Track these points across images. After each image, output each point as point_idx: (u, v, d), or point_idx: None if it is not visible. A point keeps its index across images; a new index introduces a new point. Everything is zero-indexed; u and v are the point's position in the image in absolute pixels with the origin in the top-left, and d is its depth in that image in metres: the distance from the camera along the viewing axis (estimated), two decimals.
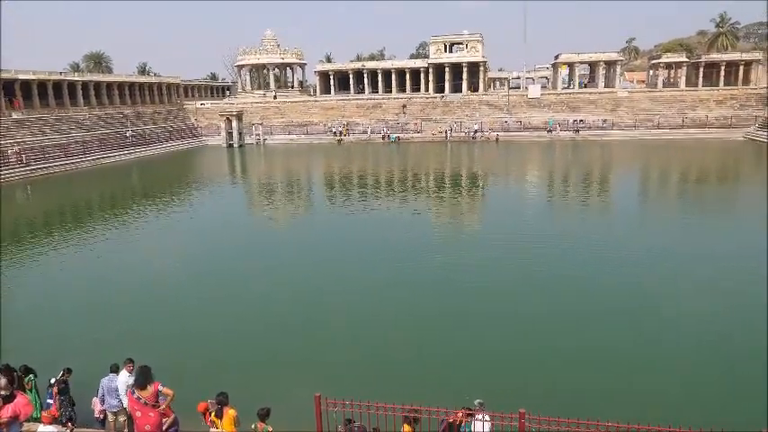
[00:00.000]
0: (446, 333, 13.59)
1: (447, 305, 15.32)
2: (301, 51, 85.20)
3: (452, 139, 63.77)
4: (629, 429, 6.25)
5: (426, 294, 16.18)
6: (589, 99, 70.00)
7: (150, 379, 7.68)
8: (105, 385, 8.95)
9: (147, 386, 7.62)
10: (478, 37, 74.05)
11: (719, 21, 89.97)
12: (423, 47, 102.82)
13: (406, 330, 13.77)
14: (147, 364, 7.93)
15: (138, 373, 7.76)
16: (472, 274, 17.84)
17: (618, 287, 16.37)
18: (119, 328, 13.94)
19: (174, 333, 13.86)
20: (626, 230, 23.48)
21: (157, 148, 60.88)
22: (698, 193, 33.86)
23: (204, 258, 20.69)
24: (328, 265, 19.09)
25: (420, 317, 14.59)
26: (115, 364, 9.15)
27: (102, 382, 9.01)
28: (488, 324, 13.98)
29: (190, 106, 76.55)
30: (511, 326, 13.86)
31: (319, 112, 73.46)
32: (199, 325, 14.34)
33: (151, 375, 7.71)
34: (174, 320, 14.71)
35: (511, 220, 25.56)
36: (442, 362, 12.09)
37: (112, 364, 9.15)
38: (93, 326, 14.34)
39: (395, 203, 31.31)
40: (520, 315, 14.45)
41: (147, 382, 7.63)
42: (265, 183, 41.06)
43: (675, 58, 74.81)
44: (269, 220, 28.63)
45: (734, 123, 61.77)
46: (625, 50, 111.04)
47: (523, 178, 40.72)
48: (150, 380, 7.68)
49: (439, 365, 11.92)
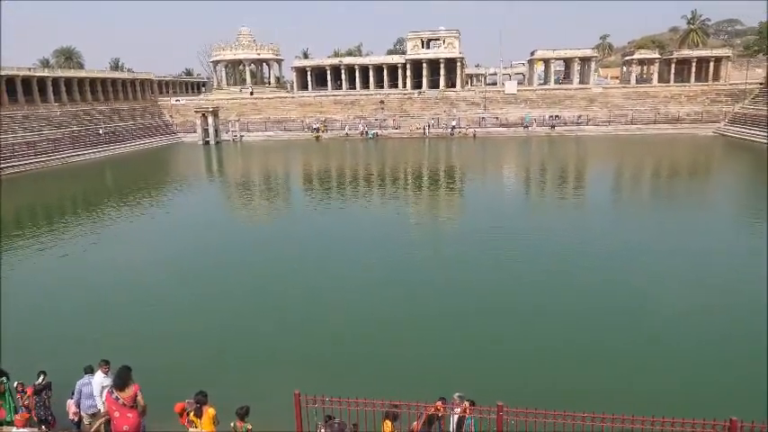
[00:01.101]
0: (426, 328, 13.68)
1: (427, 301, 15.42)
2: (278, 47, 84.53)
3: (431, 136, 63.98)
4: (604, 419, 6.38)
5: (406, 290, 16.23)
6: (564, 95, 70.87)
7: (130, 380, 7.60)
8: (80, 387, 8.82)
9: (127, 387, 7.53)
10: (455, 33, 74.32)
11: (691, 18, 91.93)
12: (400, 43, 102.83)
13: (385, 326, 13.81)
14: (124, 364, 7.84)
15: (118, 373, 7.67)
16: (451, 270, 17.98)
17: (595, 281, 16.64)
18: (92, 329, 13.72)
19: (149, 333, 13.66)
20: (603, 225, 23.89)
21: (131, 146, 59.86)
22: (671, 188, 34.56)
23: (179, 258, 20.42)
24: (306, 263, 19.02)
25: (399, 312, 14.63)
26: (89, 366, 9.01)
27: (76, 385, 8.87)
28: (468, 319, 14.07)
29: (164, 103, 75.38)
30: (490, 321, 14.00)
31: (297, 109, 73.00)
32: (175, 324, 14.19)
33: (130, 377, 7.64)
34: (149, 320, 14.50)
35: (490, 216, 25.79)
36: (421, 357, 12.15)
37: (86, 366, 9.02)
38: (66, 327, 14.09)
39: (374, 200, 31.33)
40: (499, 310, 14.60)
41: (127, 383, 7.55)
42: (243, 180, 40.68)
43: (648, 54, 76.13)
44: (246, 219, 28.40)
45: (704, 119, 63.16)
46: (599, 47, 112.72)
47: (502, 174, 41.09)
48: (130, 381, 7.60)
49: (419, 361, 11.98)
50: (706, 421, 6.17)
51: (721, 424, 6.16)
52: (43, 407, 9.09)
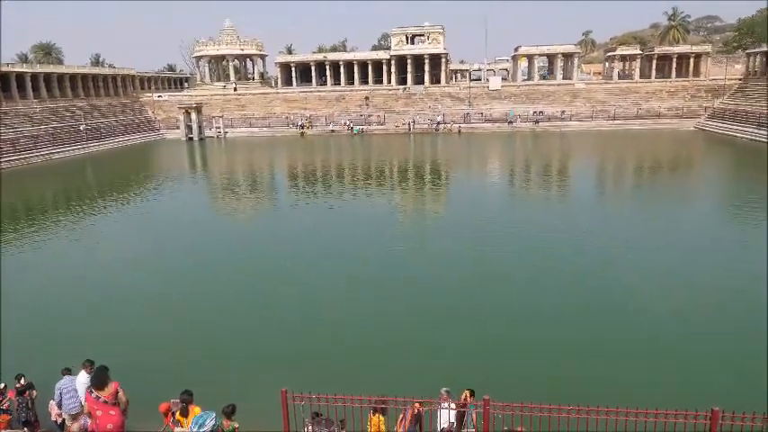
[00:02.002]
0: (412, 324, 13.71)
1: (413, 296, 15.45)
2: (261, 43, 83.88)
3: (416, 131, 64.01)
4: (589, 411, 6.45)
5: (392, 286, 16.27)
6: (548, 91, 71.33)
7: (107, 378, 7.55)
8: (62, 388, 8.69)
9: (106, 386, 7.47)
10: (440, 29, 74.38)
11: (671, 15, 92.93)
12: (384, 38, 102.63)
13: (371, 322, 13.83)
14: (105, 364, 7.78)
15: (95, 373, 7.60)
16: (437, 266, 18.03)
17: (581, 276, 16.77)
18: (73, 329, 13.58)
19: (133, 332, 13.49)
20: (589, 220, 24.09)
21: (113, 143, 59.08)
22: (655, 182, 34.96)
23: (162, 255, 20.24)
24: (292, 260, 18.94)
25: (386, 308, 14.65)
26: (67, 368, 8.90)
27: (57, 386, 8.75)
28: (454, 314, 14.13)
29: (147, 99, 74.47)
30: (476, 316, 14.06)
31: (281, 105, 72.58)
32: (159, 323, 14.03)
33: (108, 375, 7.59)
34: (132, 319, 14.31)
35: (475, 212, 25.89)
36: (408, 353, 12.18)
37: (63, 369, 8.90)
38: (48, 326, 13.89)
39: (360, 197, 31.29)
40: (485, 305, 14.68)
41: (105, 382, 7.48)
42: (228, 177, 40.36)
43: (630, 50, 76.89)
44: (231, 216, 28.19)
45: (685, 114, 63.99)
46: (582, 43, 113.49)
47: (488, 170, 41.25)
48: (108, 379, 7.54)
49: (406, 356, 12.01)
50: (689, 412, 6.27)
51: (703, 414, 6.26)
52: (26, 408, 8.97)
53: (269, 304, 15.12)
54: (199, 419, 4.82)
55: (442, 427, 7.65)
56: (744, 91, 63.31)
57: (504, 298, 15.13)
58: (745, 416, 6.12)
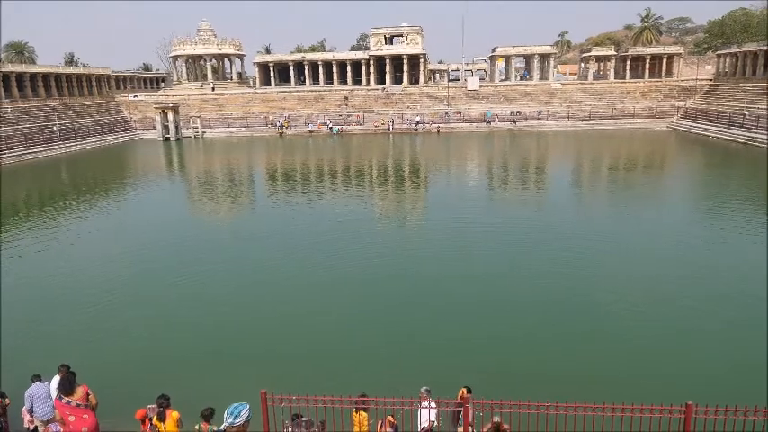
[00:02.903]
0: (393, 323, 13.74)
1: (393, 295, 15.48)
2: (239, 42, 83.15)
3: (395, 131, 64.10)
4: (567, 407, 6.53)
5: (371, 285, 16.27)
6: (525, 91, 72.04)
7: (76, 383, 7.45)
8: (32, 395, 8.50)
9: (75, 391, 7.36)
10: (418, 29, 74.59)
11: (645, 16, 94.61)
12: (363, 39, 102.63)
13: (351, 322, 13.82)
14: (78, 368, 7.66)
15: (62, 380, 7.49)
16: (417, 264, 18.08)
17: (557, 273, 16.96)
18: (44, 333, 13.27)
19: (106, 335, 13.26)
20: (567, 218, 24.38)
21: (88, 143, 57.99)
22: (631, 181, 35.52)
23: (137, 256, 19.88)
24: (270, 260, 18.83)
25: (365, 308, 14.65)
26: (36, 375, 8.71)
27: (27, 393, 8.56)
28: (433, 313, 14.20)
29: (122, 98, 73.29)
30: (455, 315, 14.13)
31: (260, 105, 72.05)
32: (133, 325, 13.79)
33: (75, 380, 7.50)
34: (105, 322, 14.04)
35: (455, 212, 25.97)
36: (388, 352, 12.20)
37: (33, 375, 8.72)
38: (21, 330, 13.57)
39: (340, 197, 31.21)
40: (463, 303, 14.76)
41: (74, 387, 7.38)
42: (205, 178, 39.91)
43: (604, 51, 78.05)
44: (208, 216, 27.89)
45: (659, 114, 65.22)
46: (558, 44, 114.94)
47: (468, 169, 41.47)
48: (76, 384, 7.45)
49: (386, 356, 12.02)
50: (664, 407, 6.39)
51: (678, 408, 6.38)
52: None
53: (246, 305, 14.99)
54: (234, 410, 4.79)
55: (423, 426, 7.68)
56: (714, 91, 64.78)
57: (483, 296, 15.21)
58: (718, 409, 6.25)
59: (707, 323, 13.22)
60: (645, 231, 21.67)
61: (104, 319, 14.29)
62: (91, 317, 14.36)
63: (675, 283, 15.88)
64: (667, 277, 16.34)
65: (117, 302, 15.37)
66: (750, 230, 21.16)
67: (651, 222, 23.34)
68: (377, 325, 13.65)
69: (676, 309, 14.08)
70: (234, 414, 4.85)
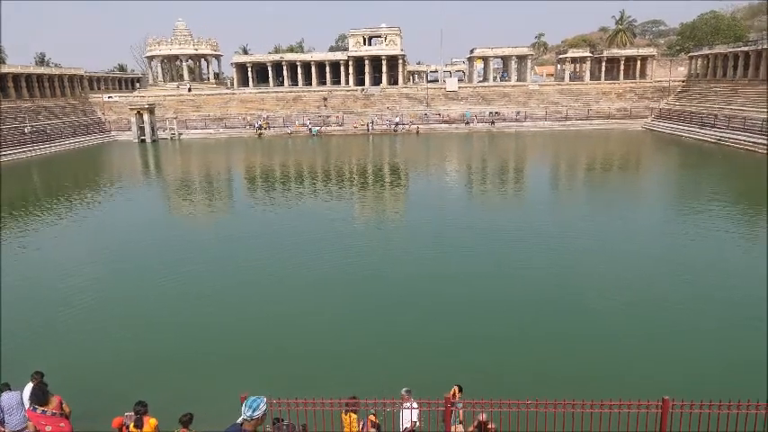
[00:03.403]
0: (374, 324, 13.72)
1: (375, 297, 15.47)
2: (216, 42, 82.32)
3: (374, 132, 64.12)
4: (547, 405, 6.60)
5: (353, 287, 16.23)
6: (503, 92, 72.67)
7: (49, 393, 7.30)
8: (3, 405, 8.26)
9: (48, 401, 7.21)
10: (397, 31, 74.74)
11: (619, 18, 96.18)
12: (342, 39, 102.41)
13: (332, 324, 13.75)
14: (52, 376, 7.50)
15: (35, 391, 7.31)
16: (398, 265, 18.09)
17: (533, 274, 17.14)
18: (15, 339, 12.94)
19: (80, 341, 12.98)
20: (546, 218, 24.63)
21: (61, 145, 56.80)
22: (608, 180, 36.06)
23: (111, 260, 19.53)
24: (249, 263, 18.66)
25: (347, 309, 14.60)
26: (5, 384, 8.49)
27: None
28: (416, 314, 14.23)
29: (96, 99, 71.96)
30: (436, 315, 14.17)
31: (238, 106, 71.42)
32: (108, 331, 13.51)
33: (47, 390, 7.34)
34: (79, 327, 13.75)
35: (435, 212, 26.08)
36: (370, 354, 12.18)
37: (2, 384, 8.49)
38: None
39: (320, 198, 31.09)
40: (444, 304, 14.79)
41: (47, 398, 7.23)
42: (181, 180, 39.39)
43: (580, 53, 79.15)
44: (185, 218, 27.54)
45: (633, 114, 66.37)
46: (535, 45, 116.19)
47: (448, 170, 41.65)
48: (49, 394, 7.29)
49: (367, 358, 12.00)
50: (641, 402, 6.50)
51: (655, 404, 6.50)
52: None
53: (226, 307, 14.81)
54: (252, 403, 4.86)
55: (405, 427, 7.69)
56: (687, 92, 66.14)
57: (466, 296, 15.26)
58: (693, 404, 6.38)
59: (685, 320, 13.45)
60: (624, 230, 22.03)
61: (79, 324, 13.99)
62: (64, 322, 14.06)
63: (654, 280, 16.14)
64: (646, 275, 16.60)
65: (91, 307, 15.05)
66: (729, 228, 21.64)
67: (630, 221, 23.71)
68: (359, 326, 13.62)
69: (655, 306, 14.30)
70: (252, 407, 4.89)
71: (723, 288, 15.40)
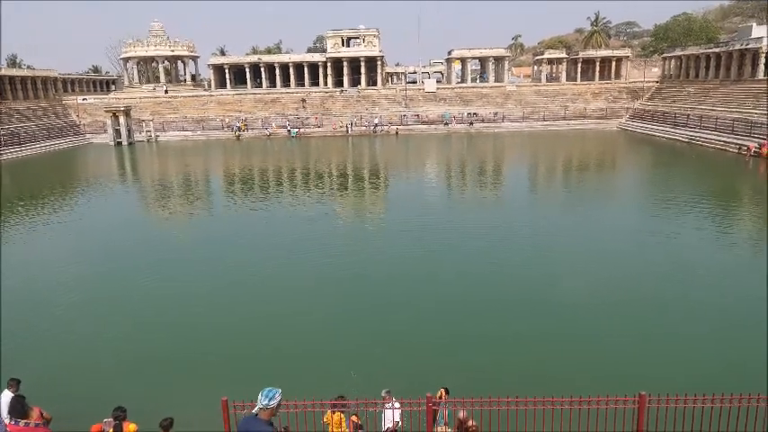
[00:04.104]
0: (355, 325, 13.72)
1: (355, 297, 15.46)
2: (193, 44, 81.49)
3: (354, 134, 64.09)
4: (527, 402, 6.68)
5: (332, 288, 16.18)
6: (481, 93, 73.23)
7: (27, 405, 7.17)
8: None
9: (28, 414, 7.07)
10: (375, 32, 74.82)
11: (594, 20, 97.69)
12: (320, 41, 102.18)
13: (313, 325, 13.71)
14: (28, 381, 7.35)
15: (13, 404, 7.17)
16: (378, 265, 18.11)
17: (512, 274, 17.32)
18: None
19: (57, 346, 12.73)
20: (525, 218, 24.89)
21: (34, 148, 55.57)
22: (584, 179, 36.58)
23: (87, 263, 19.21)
24: (228, 266, 18.51)
25: (326, 312, 14.55)
26: None
27: None
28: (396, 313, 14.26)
29: (70, 101, 70.65)
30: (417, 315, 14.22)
31: (215, 107, 70.76)
32: (85, 335, 13.29)
33: (26, 402, 7.22)
34: (56, 331, 13.48)
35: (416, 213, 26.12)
36: (351, 354, 12.17)
37: None
38: None
39: (300, 200, 30.96)
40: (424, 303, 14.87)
41: (26, 410, 7.09)
42: (160, 183, 38.89)
43: (556, 54, 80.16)
44: (162, 222, 27.21)
45: (609, 115, 67.43)
46: (512, 47, 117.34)
47: (428, 171, 41.79)
48: (28, 406, 7.16)
49: (347, 359, 11.98)
50: (619, 398, 6.62)
51: (632, 399, 6.63)
52: None
53: (205, 310, 14.67)
54: (268, 393, 5.18)
55: (387, 427, 7.72)
56: (660, 92, 67.42)
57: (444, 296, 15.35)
58: (669, 398, 6.52)
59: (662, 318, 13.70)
60: (600, 228, 22.36)
61: (56, 327, 13.73)
62: (41, 325, 13.78)
63: (632, 278, 16.42)
64: (623, 273, 16.87)
65: (67, 310, 14.79)
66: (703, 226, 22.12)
67: (606, 219, 24.09)
68: (343, 327, 13.59)
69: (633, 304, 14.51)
70: (269, 396, 5.18)
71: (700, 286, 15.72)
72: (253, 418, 5.23)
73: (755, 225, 22.72)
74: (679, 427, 6.41)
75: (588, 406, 6.60)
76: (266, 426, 5.15)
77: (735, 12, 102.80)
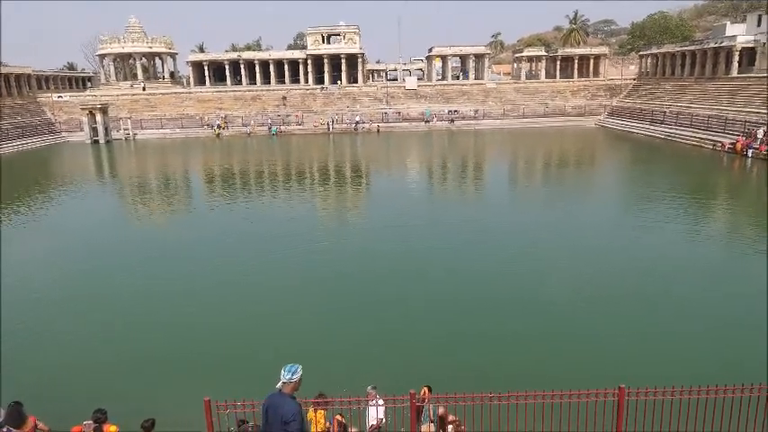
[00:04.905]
0: (337, 322, 13.70)
1: (335, 296, 15.44)
2: (171, 40, 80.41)
3: (335, 131, 63.89)
4: (509, 397, 6.75)
5: (314, 286, 16.14)
6: (461, 90, 73.53)
7: (24, 413, 6.98)
8: None
9: (24, 422, 6.91)
10: (355, 29, 74.65)
11: (573, 18, 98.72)
12: (300, 38, 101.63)
13: (293, 324, 13.66)
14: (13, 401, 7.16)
15: (9, 412, 6.97)
16: (360, 263, 18.11)
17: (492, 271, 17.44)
18: None
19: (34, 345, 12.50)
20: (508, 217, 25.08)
21: (7, 147, 54.24)
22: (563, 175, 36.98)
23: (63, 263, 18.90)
24: (210, 265, 18.34)
25: (308, 310, 14.51)
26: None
27: None
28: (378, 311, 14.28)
29: (45, 99, 69.21)
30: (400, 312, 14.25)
31: (194, 105, 69.96)
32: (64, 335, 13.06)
33: (23, 411, 7.01)
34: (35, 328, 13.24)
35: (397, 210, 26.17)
36: (334, 352, 12.16)
37: None
38: None
39: (281, 199, 30.82)
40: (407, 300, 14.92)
41: (24, 418, 6.92)
42: (138, 182, 38.31)
43: (535, 52, 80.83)
44: (141, 221, 26.84)
45: (587, 112, 68.24)
46: (492, 44, 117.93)
47: (410, 168, 41.84)
48: (25, 414, 6.97)
49: (330, 356, 11.97)
50: (599, 390, 6.71)
51: (611, 392, 6.73)
52: None
53: (187, 310, 14.53)
54: (291, 368, 5.49)
55: (371, 424, 7.73)
56: (638, 90, 68.40)
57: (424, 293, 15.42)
58: (648, 390, 6.63)
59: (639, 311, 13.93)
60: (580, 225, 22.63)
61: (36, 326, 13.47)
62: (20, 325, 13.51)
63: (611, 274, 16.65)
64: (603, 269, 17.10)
65: (48, 309, 14.54)
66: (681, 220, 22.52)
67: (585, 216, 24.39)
68: (327, 325, 13.57)
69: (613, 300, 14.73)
70: (291, 371, 5.49)
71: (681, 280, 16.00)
72: (277, 393, 5.53)
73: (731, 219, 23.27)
74: (658, 419, 6.53)
75: (569, 399, 6.68)
76: (290, 399, 5.45)
77: (709, 11, 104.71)
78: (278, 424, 5.40)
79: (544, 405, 6.69)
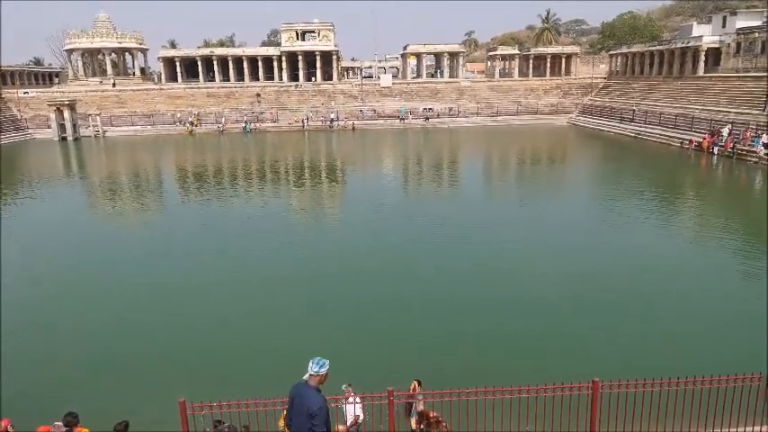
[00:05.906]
0: (313, 321, 13.65)
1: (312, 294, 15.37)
2: (141, 35, 78.85)
3: (310, 128, 63.53)
4: (486, 392, 6.82)
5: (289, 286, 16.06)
6: (436, 88, 73.83)
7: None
8: None
9: None
10: (330, 26, 74.31)
11: (545, 17, 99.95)
12: (274, 35, 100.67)
13: (268, 324, 13.57)
14: None
15: None
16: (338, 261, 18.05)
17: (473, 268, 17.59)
18: None
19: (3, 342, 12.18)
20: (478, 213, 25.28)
21: None
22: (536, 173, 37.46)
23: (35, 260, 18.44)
24: (182, 265, 18.10)
25: (282, 310, 14.43)
26: None
27: None
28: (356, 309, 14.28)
29: (10, 95, 67.12)
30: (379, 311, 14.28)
31: (166, 102, 68.75)
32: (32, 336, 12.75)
33: None
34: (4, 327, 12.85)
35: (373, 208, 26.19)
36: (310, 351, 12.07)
37: None
38: None
39: (255, 197, 30.53)
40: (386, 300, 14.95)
41: None
42: (108, 180, 37.49)
43: (509, 50, 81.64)
44: (111, 222, 26.29)
45: (559, 110, 69.21)
46: (466, 43, 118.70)
47: (385, 165, 41.86)
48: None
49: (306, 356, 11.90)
50: (573, 384, 6.84)
51: (586, 385, 6.86)
52: None
53: (159, 310, 14.31)
54: (319, 361, 5.64)
55: (349, 422, 7.74)
56: (608, 89, 69.60)
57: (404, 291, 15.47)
58: (621, 383, 6.78)
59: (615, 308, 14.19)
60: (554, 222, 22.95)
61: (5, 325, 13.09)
62: None
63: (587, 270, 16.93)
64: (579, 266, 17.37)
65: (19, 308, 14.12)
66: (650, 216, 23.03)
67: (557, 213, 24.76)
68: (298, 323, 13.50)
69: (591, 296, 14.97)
70: (319, 364, 5.61)
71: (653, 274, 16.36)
72: (303, 384, 5.70)
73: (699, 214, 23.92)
74: (630, 411, 6.69)
75: (545, 394, 6.79)
76: (315, 392, 5.58)
77: (676, 11, 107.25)
78: (303, 415, 5.54)
79: (520, 400, 6.79)
